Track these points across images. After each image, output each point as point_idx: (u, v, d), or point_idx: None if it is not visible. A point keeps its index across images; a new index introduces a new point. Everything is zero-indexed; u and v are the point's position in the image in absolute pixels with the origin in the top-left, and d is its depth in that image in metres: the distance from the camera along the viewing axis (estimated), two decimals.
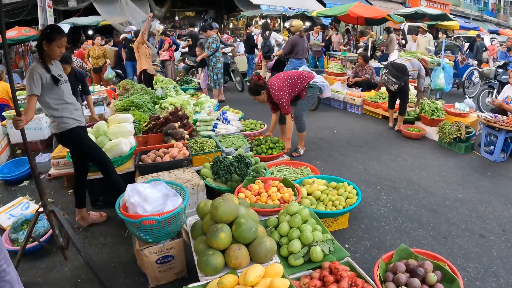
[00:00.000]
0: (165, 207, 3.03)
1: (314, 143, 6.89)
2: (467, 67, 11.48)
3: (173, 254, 3.22)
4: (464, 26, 22.08)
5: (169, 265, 3.24)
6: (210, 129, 5.86)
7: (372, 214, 4.39)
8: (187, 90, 9.79)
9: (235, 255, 2.59)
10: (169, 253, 3.19)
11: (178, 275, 3.34)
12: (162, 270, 3.22)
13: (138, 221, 2.90)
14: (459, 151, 6.42)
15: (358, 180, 5.22)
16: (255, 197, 3.74)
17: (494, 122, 5.86)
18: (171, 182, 3.61)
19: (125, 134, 4.65)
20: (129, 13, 17.59)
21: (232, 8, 23.44)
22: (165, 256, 3.18)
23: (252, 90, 5.69)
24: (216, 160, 4.40)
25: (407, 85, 7.24)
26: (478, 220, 4.30)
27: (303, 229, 3.00)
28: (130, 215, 2.98)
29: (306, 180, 4.40)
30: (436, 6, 26.79)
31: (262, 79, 5.73)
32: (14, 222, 4.04)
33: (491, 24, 36.37)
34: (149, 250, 3.10)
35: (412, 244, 3.74)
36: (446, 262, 2.95)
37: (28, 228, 3.30)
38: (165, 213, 2.96)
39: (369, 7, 16.46)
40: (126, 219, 2.99)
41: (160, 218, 2.92)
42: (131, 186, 3.13)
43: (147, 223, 2.91)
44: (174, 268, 3.29)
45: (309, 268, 2.85)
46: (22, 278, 3.34)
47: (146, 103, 6.36)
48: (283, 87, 5.65)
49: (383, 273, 2.84)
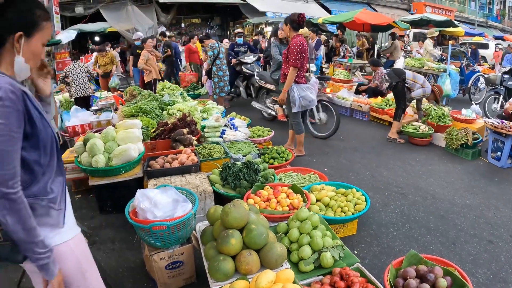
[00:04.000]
0: (175, 213, 3.05)
1: (321, 149, 6.91)
2: (473, 73, 11.47)
3: (182, 260, 3.23)
4: (469, 32, 22.08)
5: (178, 271, 3.25)
6: (218, 135, 5.88)
7: (380, 220, 4.40)
8: (194, 97, 9.87)
9: (246, 261, 2.60)
10: (178, 258, 3.20)
11: (187, 280, 3.34)
12: (171, 275, 3.23)
13: (148, 226, 2.91)
14: (466, 157, 6.41)
15: (366, 186, 5.23)
16: (264, 203, 3.75)
17: (501, 128, 5.86)
18: (180, 187, 3.64)
19: (133, 140, 4.66)
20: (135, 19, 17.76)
21: (238, 15, 23.57)
22: (174, 262, 3.19)
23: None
24: (225, 166, 4.42)
25: (400, 89, 7.19)
26: (486, 226, 4.30)
27: (313, 235, 3.01)
28: (140, 220, 3.00)
29: (315, 187, 4.41)
30: (441, 13, 26.89)
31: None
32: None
33: (496, 30, 36.40)
34: (158, 255, 3.11)
35: (420, 250, 3.74)
36: (456, 267, 2.95)
37: None
38: (175, 219, 2.97)
39: (374, 13, 16.55)
40: (136, 225, 3.01)
41: (170, 223, 2.93)
42: (140, 191, 3.14)
43: (157, 229, 2.93)
44: (184, 273, 3.30)
45: (319, 274, 2.85)
46: (28, 284, 3.40)
47: (154, 109, 6.38)
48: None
49: (393, 279, 2.84)
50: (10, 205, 1.54)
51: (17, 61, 1.67)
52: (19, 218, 1.57)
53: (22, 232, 1.58)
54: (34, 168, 1.70)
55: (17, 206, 1.56)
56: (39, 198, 1.71)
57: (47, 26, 1.75)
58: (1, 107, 1.51)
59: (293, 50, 5.67)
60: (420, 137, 7.11)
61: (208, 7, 23.69)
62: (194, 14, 25.00)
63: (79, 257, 1.91)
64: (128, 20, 17.86)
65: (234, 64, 10.18)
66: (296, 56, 5.67)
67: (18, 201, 1.56)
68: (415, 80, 7.12)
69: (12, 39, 1.64)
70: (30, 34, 1.67)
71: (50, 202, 1.75)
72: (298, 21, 5.75)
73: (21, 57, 1.67)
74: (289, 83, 5.86)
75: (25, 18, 1.66)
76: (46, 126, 1.74)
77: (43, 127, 1.71)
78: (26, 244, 1.61)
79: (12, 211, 1.55)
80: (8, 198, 1.53)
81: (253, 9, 20.41)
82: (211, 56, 9.48)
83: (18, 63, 1.67)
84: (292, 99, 5.95)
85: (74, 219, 1.99)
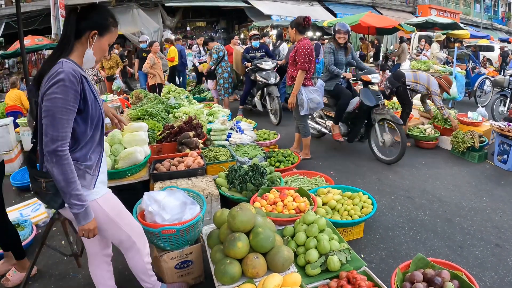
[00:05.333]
0: (184, 216, 3.08)
1: (327, 153, 6.91)
2: (479, 76, 11.42)
3: (192, 259, 3.27)
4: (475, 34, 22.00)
5: (187, 270, 3.29)
6: (224, 138, 5.90)
7: (387, 224, 4.39)
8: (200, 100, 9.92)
9: (252, 264, 2.60)
10: (188, 258, 3.24)
11: (196, 280, 3.38)
12: (180, 275, 3.27)
13: (157, 230, 2.95)
14: (473, 160, 6.39)
15: (372, 189, 5.22)
16: (270, 207, 3.76)
17: (507, 130, 5.84)
18: (187, 189, 3.67)
19: (139, 143, 4.67)
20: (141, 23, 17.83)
21: (243, 19, 23.63)
22: (184, 261, 3.23)
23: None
24: (231, 170, 4.43)
25: (402, 93, 7.10)
26: (493, 229, 4.28)
27: (320, 239, 3.00)
28: (149, 224, 3.02)
29: (321, 190, 4.40)
30: (446, 15, 26.88)
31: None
32: None
33: (501, 32, 36.26)
34: (168, 255, 3.15)
35: (427, 253, 3.73)
36: (463, 271, 2.94)
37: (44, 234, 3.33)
38: (184, 223, 3.01)
39: (380, 16, 16.54)
40: (145, 228, 3.00)
41: (180, 227, 2.97)
42: (148, 194, 3.16)
43: (166, 232, 2.97)
44: (193, 273, 3.33)
45: (326, 277, 2.85)
46: (34, 285, 3.43)
47: (160, 112, 6.40)
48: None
49: (400, 282, 2.83)
50: (57, 159, 2.02)
51: (87, 52, 2.17)
52: (62, 171, 2.03)
53: (63, 182, 2.05)
54: (79, 138, 2.17)
55: (62, 161, 2.02)
56: (79, 162, 2.18)
57: (115, 31, 2.28)
58: (62, 86, 1.99)
59: (301, 53, 5.69)
60: (426, 140, 7.09)
61: (214, 10, 23.79)
62: (200, 17, 25.10)
63: (106, 211, 2.39)
64: (134, 23, 17.95)
65: (248, 71, 9.28)
66: (304, 59, 5.69)
67: (63, 158, 2.02)
68: (417, 81, 7.02)
69: (88, 35, 2.15)
70: (102, 34, 2.20)
71: (87, 168, 2.22)
72: (304, 24, 5.77)
73: (91, 50, 2.17)
74: (297, 86, 5.87)
75: (101, 21, 2.18)
76: (97, 107, 2.22)
77: (94, 107, 2.19)
78: (64, 193, 2.09)
79: (58, 164, 2.02)
80: (56, 154, 2.01)
81: (258, 13, 20.48)
82: (215, 59, 9.48)
83: (88, 54, 2.18)
84: (300, 102, 5.95)
85: (105, 181, 2.49)
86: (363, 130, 6.65)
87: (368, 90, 6.27)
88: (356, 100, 6.50)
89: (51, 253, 3.87)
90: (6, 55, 14.39)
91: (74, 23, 2.13)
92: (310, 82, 6.04)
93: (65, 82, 1.99)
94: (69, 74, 2.00)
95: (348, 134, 6.75)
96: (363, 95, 6.25)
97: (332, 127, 6.75)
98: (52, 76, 2.01)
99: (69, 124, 2.05)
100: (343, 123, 6.77)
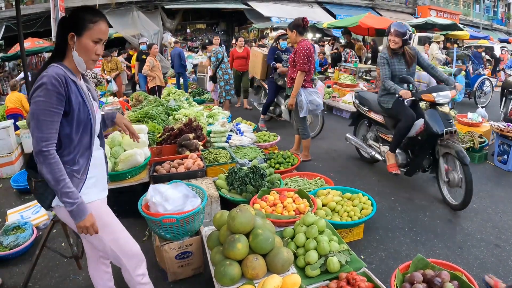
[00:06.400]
0: (185, 207, 3.22)
1: (327, 154, 6.92)
2: (478, 77, 11.41)
3: (191, 251, 3.38)
4: (474, 35, 22.01)
5: (187, 261, 3.40)
6: (224, 140, 5.90)
7: (386, 225, 4.39)
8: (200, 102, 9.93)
9: (252, 266, 2.60)
10: (188, 249, 3.36)
11: (195, 270, 3.50)
12: (181, 265, 3.39)
13: (158, 219, 3.11)
14: (473, 161, 6.37)
15: (372, 191, 5.22)
16: (270, 208, 3.77)
17: (507, 131, 5.84)
18: (191, 184, 3.80)
19: (139, 145, 4.67)
20: (141, 25, 17.82)
21: (243, 21, 23.65)
22: (184, 252, 3.36)
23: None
24: (231, 171, 4.43)
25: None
26: (493, 230, 4.28)
27: (320, 240, 3.01)
28: (152, 213, 3.19)
29: (321, 191, 4.41)
30: (446, 16, 26.87)
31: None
32: (7, 225, 4.15)
33: (501, 33, 36.24)
34: (169, 246, 3.29)
35: (427, 254, 3.73)
36: (463, 272, 2.94)
37: (44, 236, 3.36)
38: (184, 213, 3.14)
39: (379, 18, 16.55)
40: (147, 217, 3.20)
41: (180, 217, 3.11)
42: (153, 186, 3.33)
43: (167, 221, 3.12)
44: (192, 264, 3.45)
45: (326, 279, 2.85)
46: (35, 287, 3.42)
47: (160, 114, 6.40)
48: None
49: (400, 283, 2.83)
50: (43, 159, 2.08)
51: (73, 55, 2.20)
52: (50, 170, 2.09)
53: (52, 181, 2.11)
54: (63, 140, 2.21)
55: (48, 160, 2.09)
56: (66, 166, 2.21)
57: (95, 27, 2.20)
58: (45, 90, 2.06)
59: (300, 54, 5.70)
60: None
61: (213, 12, 23.80)
62: (200, 19, 25.15)
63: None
64: (134, 25, 17.94)
65: (275, 76, 8.13)
66: (304, 60, 5.71)
67: (49, 157, 2.09)
68: (420, 80, 7.05)
69: (69, 38, 2.18)
70: (80, 33, 2.17)
71: (73, 172, 2.24)
72: (302, 25, 5.78)
73: (75, 52, 2.19)
74: (297, 87, 5.88)
75: (76, 21, 2.18)
76: (85, 111, 2.25)
77: (82, 110, 2.23)
78: (56, 192, 2.16)
79: (45, 164, 2.09)
80: (43, 154, 2.08)
81: (258, 14, 20.48)
82: (214, 62, 9.48)
83: (75, 56, 2.19)
84: (299, 104, 5.96)
85: (97, 186, 2.46)
86: (427, 162, 5.22)
87: (436, 112, 4.82)
88: (420, 123, 5.04)
89: (52, 255, 3.88)
90: (6, 58, 14.43)
91: (60, 30, 2.22)
92: (310, 84, 6.04)
93: (48, 86, 2.05)
94: (51, 77, 2.07)
95: (407, 165, 5.39)
96: (429, 118, 4.83)
97: (387, 155, 5.44)
98: (37, 81, 2.10)
99: (54, 126, 2.11)
100: (402, 151, 5.41)
